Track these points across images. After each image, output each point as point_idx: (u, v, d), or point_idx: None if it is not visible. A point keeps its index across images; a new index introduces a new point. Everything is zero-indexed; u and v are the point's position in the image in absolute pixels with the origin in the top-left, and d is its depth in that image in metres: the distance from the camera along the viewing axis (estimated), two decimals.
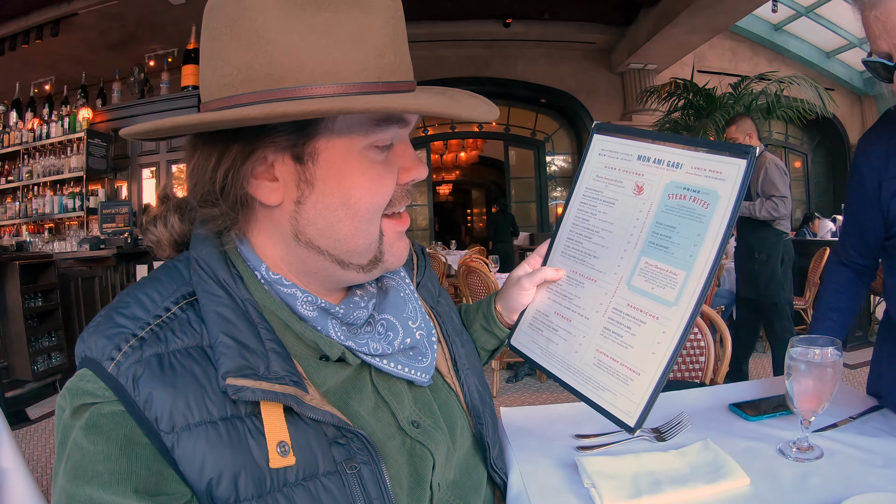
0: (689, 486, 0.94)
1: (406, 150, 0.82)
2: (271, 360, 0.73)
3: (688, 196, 0.92)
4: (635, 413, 0.90)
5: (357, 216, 0.77)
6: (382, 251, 0.82)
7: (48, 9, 7.79)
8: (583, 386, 0.98)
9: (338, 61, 0.69)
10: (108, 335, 0.71)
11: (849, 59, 12.45)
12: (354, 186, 0.75)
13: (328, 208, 0.76)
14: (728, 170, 0.89)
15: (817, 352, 1.05)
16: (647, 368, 0.90)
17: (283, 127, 0.72)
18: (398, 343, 0.86)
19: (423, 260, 1.12)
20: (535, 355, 1.08)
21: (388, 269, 0.85)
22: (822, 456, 1.03)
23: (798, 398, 1.05)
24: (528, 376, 5.23)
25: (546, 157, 12.89)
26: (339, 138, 0.74)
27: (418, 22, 9.98)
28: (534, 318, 1.10)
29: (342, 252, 0.79)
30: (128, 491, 0.65)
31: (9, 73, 8.36)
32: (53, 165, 7.51)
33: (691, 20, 8.75)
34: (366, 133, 0.75)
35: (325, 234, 0.77)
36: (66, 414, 0.70)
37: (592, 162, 1.07)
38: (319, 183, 0.75)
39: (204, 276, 0.78)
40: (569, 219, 1.08)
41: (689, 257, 0.89)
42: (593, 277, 1.01)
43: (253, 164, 0.74)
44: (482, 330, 1.20)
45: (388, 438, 0.83)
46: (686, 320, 0.88)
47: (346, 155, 0.75)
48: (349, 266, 0.81)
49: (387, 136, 0.77)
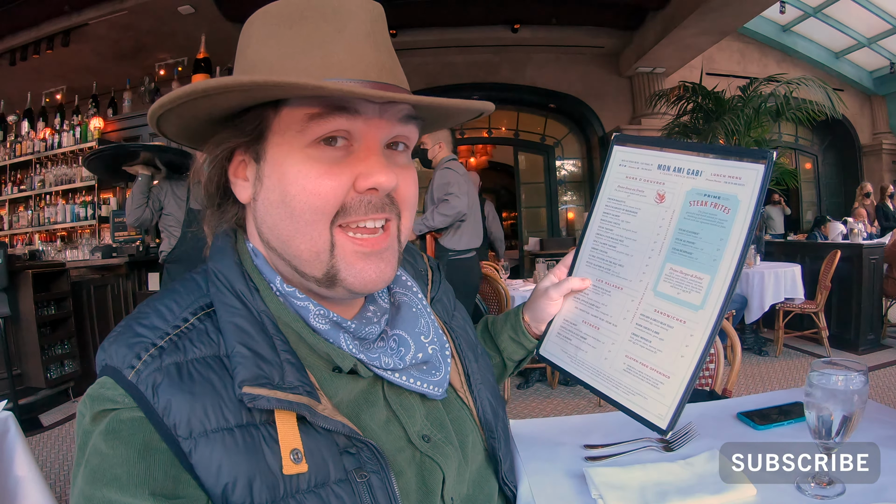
0: (696, 497, 0.94)
1: (370, 154, 0.78)
2: (286, 370, 0.75)
3: (709, 202, 0.93)
4: (667, 416, 0.91)
5: (294, 216, 0.77)
6: (336, 268, 0.79)
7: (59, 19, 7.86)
8: (614, 392, 0.99)
9: (300, 62, 0.75)
10: (129, 344, 0.73)
11: (858, 59, 12.37)
12: (290, 183, 0.76)
13: (272, 205, 0.78)
14: (747, 175, 0.90)
15: (841, 378, 0.96)
16: (676, 371, 0.91)
17: (247, 127, 0.78)
18: (409, 358, 0.87)
19: (438, 275, 1.13)
20: (564, 364, 1.08)
21: (355, 291, 0.81)
22: (845, 493, 0.94)
23: (818, 429, 0.97)
24: (538, 382, 5.22)
25: (556, 161, 12.85)
26: (281, 136, 0.77)
27: (426, 28, 10.00)
28: (562, 328, 1.11)
29: (291, 257, 0.80)
30: (145, 494, 0.66)
31: (21, 82, 8.44)
32: (65, 174, 7.58)
33: (699, 23, 8.70)
34: (301, 128, 0.75)
35: (274, 233, 0.80)
36: (86, 420, 0.72)
37: (613, 173, 1.08)
38: (265, 180, 0.79)
39: (222, 287, 0.80)
40: (592, 229, 1.09)
41: (713, 261, 0.91)
42: (619, 285, 1.02)
43: (234, 163, 0.83)
44: (510, 340, 1.21)
45: (397, 452, 0.83)
46: (713, 323, 0.89)
47: (288, 151, 0.76)
48: (308, 277, 0.80)
49: (324, 129, 0.75)
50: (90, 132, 7.34)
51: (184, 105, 0.73)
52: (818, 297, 5.80)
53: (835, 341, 5.98)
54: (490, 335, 1.27)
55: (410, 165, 0.86)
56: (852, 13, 10.87)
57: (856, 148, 13.18)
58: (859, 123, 13.03)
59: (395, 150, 0.83)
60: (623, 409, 0.97)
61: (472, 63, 11.14)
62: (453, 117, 0.95)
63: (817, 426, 0.96)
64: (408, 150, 0.86)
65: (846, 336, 6.05)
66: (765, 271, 5.63)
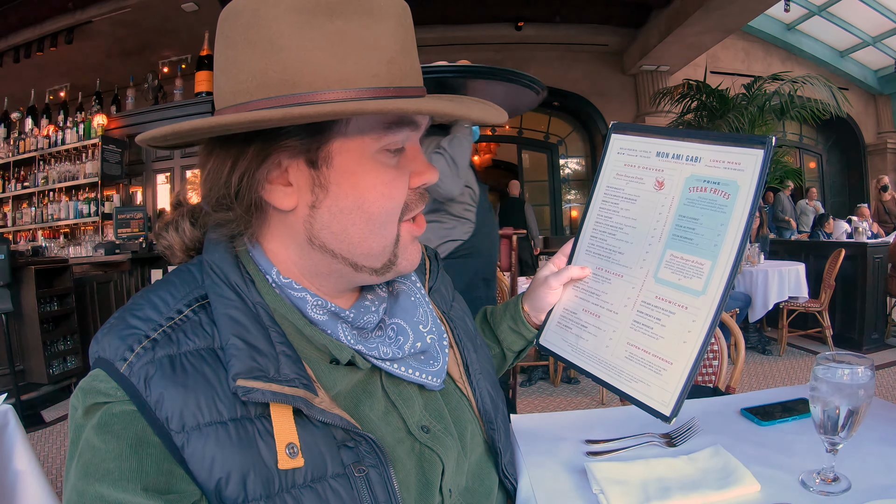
0: (699, 493, 0.93)
1: (417, 154, 0.82)
2: (281, 362, 0.74)
3: (708, 188, 0.93)
4: (670, 402, 0.91)
5: (371, 220, 0.78)
6: (397, 254, 0.82)
7: (63, 16, 7.90)
8: (616, 379, 0.98)
9: (350, 67, 0.70)
10: (121, 336, 0.72)
11: (862, 57, 12.35)
12: (368, 190, 0.76)
13: (342, 212, 0.77)
14: (746, 160, 0.90)
15: (846, 371, 0.94)
16: (679, 358, 0.91)
17: (297, 132, 0.73)
18: (408, 347, 0.86)
19: (436, 265, 1.13)
20: (565, 353, 1.08)
21: (400, 272, 0.85)
22: (850, 489, 0.93)
23: (823, 424, 0.95)
24: (541, 380, 5.22)
25: (560, 159, 12.86)
26: (351, 142, 0.75)
27: (430, 26, 10.01)
28: (562, 317, 1.11)
29: (356, 255, 0.80)
30: (137, 489, 0.66)
31: (24, 80, 8.48)
32: (69, 171, 7.59)
33: (703, 21, 8.70)
34: (378, 136, 0.75)
35: (340, 237, 0.78)
36: (78, 413, 0.71)
37: (612, 161, 1.08)
38: (333, 187, 0.76)
39: (216, 279, 0.79)
40: (591, 217, 1.09)
41: (714, 247, 0.91)
42: (619, 273, 1.02)
43: (268, 168, 0.75)
44: (510, 331, 1.21)
45: (397, 443, 0.83)
46: (715, 308, 0.89)
47: (359, 158, 0.75)
48: (362, 269, 0.81)
49: (398, 139, 0.77)
50: (93, 129, 7.34)
51: None
52: (822, 295, 5.79)
53: (839, 340, 5.98)
54: (489, 325, 1.26)
55: None
56: (857, 12, 10.85)
57: (860, 147, 13.16)
58: (864, 122, 13.00)
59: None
60: (626, 397, 0.96)
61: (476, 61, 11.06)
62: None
63: (823, 420, 0.95)
64: None
65: (850, 335, 6.03)
66: (769, 270, 5.62)
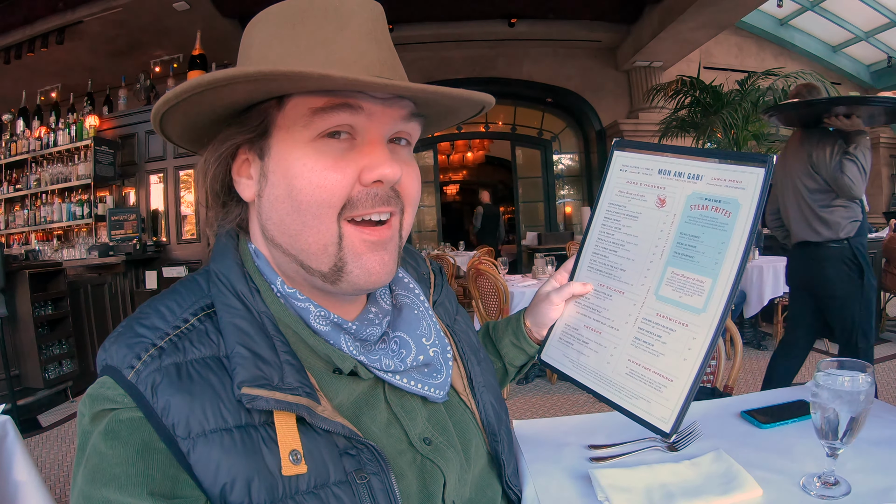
0: (702, 498, 0.94)
1: (375, 147, 0.78)
2: (285, 371, 0.75)
3: (710, 206, 0.94)
4: (670, 419, 0.91)
5: (301, 209, 0.77)
6: (343, 259, 0.79)
7: (53, 17, 7.84)
8: (616, 396, 0.98)
9: (303, 59, 0.75)
10: (129, 344, 0.74)
11: (855, 52, 12.38)
12: (296, 177, 0.76)
13: (277, 200, 0.78)
14: (747, 179, 0.91)
15: (847, 379, 0.95)
16: (679, 375, 0.91)
17: (252, 124, 0.78)
18: (411, 360, 0.87)
19: (440, 279, 1.13)
20: (566, 369, 1.08)
21: (359, 286, 0.81)
22: (850, 493, 0.93)
23: (824, 430, 0.96)
24: (538, 378, 5.23)
25: (553, 156, 12.86)
26: (286, 131, 0.77)
27: (423, 23, 9.99)
28: (563, 333, 1.11)
29: (298, 251, 0.79)
30: (143, 494, 0.67)
31: (15, 81, 8.41)
32: (61, 173, 7.53)
33: (697, 16, 8.70)
34: (306, 122, 0.75)
35: (280, 228, 0.79)
36: (86, 419, 0.73)
37: (614, 178, 1.09)
38: (270, 175, 0.78)
39: (223, 288, 0.80)
40: (593, 234, 1.10)
41: (715, 265, 0.91)
42: (621, 290, 1.02)
43: (238, 163, 0.83)
44: (511, 346, 1.21)
45: (398, 454, 0.83)
46: (715, 325, 0.90)
47: (293, 146, 0.76)
48: (312, 272, 0.80)
49: (329, 124, 0.75)
50: (86, 130, 7.28)
51: (188, 101, 0.73)
52: None
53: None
54: (491, 340, 1.27)
55: (413, 161, 0.86)
56: (850, 7, 10.87)
57: None
58: None
59: (397, 145, 0.84)
60: (626, 414, 0.97)
61: (469, 58, 11.15)
62: (454, 114, 0.94)
63: (823, 426, 0.95)
64: (410, 145, 0.87)
65: None
66: (763, 265, 5.63)
